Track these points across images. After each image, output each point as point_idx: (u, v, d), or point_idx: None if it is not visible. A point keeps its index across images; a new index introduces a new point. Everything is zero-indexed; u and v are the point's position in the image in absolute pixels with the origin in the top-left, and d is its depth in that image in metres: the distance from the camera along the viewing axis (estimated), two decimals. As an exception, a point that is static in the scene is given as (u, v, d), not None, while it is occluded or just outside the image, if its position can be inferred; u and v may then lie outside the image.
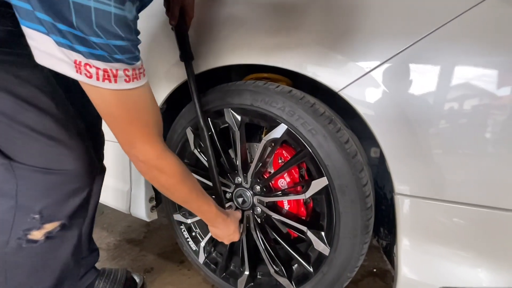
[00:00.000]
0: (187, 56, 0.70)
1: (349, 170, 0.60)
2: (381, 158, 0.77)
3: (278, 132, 0.67)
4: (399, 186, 0.55)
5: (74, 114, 0.57)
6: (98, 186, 0.83)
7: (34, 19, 0.35)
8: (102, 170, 0.85)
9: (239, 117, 0.73)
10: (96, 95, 0.41)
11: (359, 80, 0.56)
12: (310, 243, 0.71)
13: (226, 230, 0.72)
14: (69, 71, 0.37)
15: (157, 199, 1.04)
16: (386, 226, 0.70)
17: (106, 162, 1.08)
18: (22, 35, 0.38)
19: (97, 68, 0.37)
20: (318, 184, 0.64)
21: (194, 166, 0.89)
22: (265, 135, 0.86)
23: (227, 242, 0.76)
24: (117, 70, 0.38)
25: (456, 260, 0.53)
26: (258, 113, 0.69)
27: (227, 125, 0.77)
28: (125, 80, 0.39)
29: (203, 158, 0.84)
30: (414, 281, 0.56)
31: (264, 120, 0.70)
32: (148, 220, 1.02)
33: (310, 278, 0.70)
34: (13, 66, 0.47)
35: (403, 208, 0.56)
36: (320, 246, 0.67)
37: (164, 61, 0.82)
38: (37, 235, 0.53)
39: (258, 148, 0.72)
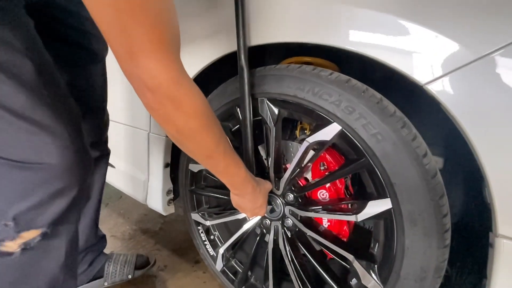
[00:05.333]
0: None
1: (426, 193, 0.44)
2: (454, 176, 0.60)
3: (328, 133, 0.52)
4: (506, 227, 0.39)
5: (65, 91, 0.45)
6: (101, 171, 0.75)
7: None
8: (106, 153, 0.77)
9: (276, 110, 0.59)
10: None
11: (463, 69, 0.39)
12: (352, 271, 0.57)
13: (253, 202, 0.58)
14: None
15: (175, 192, 0.95)
16: (466, 267, 0.54)
17: (120, 146, 1.01)
18: None
19: None
20: (377, 206, 0.49)
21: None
22: (299, 131, 0.72)
23: (251, 215, 0.64)
24: None
25: None
26: (303, 107, 0.54)
27: (259, 118, 0.63)
28: None
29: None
30: None
31: (310, 116, 0.55)
32: (164, 214, 0.94)
33: (351, 316, 0.57)
34: None
35: (508, 254, 0.40)
36: (370, 282, 0.53)
37: (191, 33, 0.69)
38: (11, 246, 0.43)
39: (295, 150, 0.58)
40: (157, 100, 0.35)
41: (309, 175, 0.66)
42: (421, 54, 0.42)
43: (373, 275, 0.52)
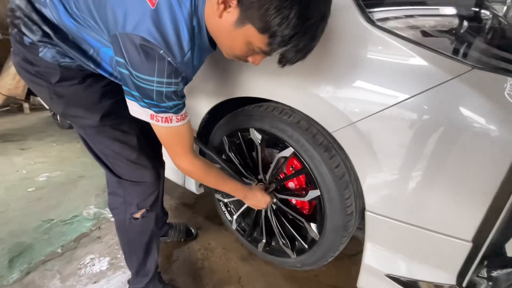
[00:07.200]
0: None
1: (336, 188, 0.82)
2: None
3: (287, 152, 0.90)
4: (369, 203, 0.77)
5: (146, 144, 0.89)
6: (163, 177, 1.21)
7: (131, 95, 0.65)
8: (163, 165, 1.21)
9: (260, 136, 0.97)
10: (158, 129, 0.70)
11: (350, 126, 0.74)
12: (306, 228, 0.98)
13: (256, 198, 0.96)
14: (147, 119, 0.68)
15: (203, 179, 1.40)
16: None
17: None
18: (124, 104, 0.68)
19: (162, 117, 0.67)
20: (313, 193, 0.88)
21: (229, 163, 1.19)
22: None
23: (264, 206, 0.98)
24: (171, 117, 0.68)
25: (399, 260, 0.75)
26: (274, 135, 0.92)
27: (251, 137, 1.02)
28: (176, 121, 0.70)
29: (235, 159, 1.13)
30: (372, 267, 0.81)
31: (279, 141, 0.93)
32: (197, 193, 1.40)
33: (305, 252, 1.00)
34: (119, 125, 0.82)
35: (370, 221, 0.78)
36: (313, 234, 0.94)
37: (208, 84, 1.07)
38: (138, 215, 0.94)
39: (273, 159, 0.97)
40: (182, 170, 0.78)
41: (287, 172, 1.05)
42: (329, 113, 0.76)
43: (314, 230, 0.93)
